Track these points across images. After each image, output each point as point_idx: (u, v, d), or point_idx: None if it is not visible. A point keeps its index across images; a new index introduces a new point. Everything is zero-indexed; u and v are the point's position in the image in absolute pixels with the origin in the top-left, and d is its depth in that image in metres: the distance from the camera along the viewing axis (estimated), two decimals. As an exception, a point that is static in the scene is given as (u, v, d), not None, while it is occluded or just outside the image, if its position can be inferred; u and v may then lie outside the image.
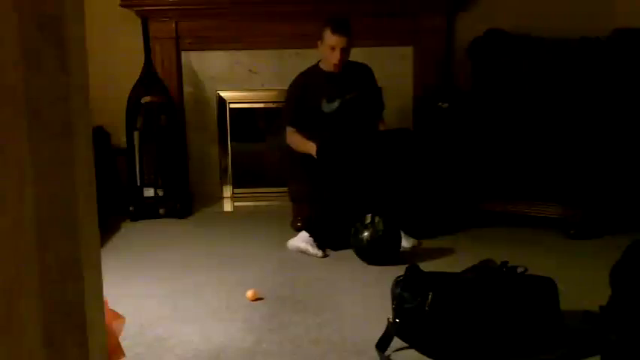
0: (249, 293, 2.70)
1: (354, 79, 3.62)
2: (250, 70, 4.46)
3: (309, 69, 3.65)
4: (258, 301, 2.66)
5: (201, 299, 2.69)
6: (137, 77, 4.08)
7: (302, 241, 3.33)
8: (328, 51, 3.49)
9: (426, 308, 2.11)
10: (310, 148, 3.44)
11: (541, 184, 3.52)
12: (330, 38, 3.46)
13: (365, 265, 3.11)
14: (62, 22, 1.11)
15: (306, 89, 3.57)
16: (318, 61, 3.62)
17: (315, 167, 3.42)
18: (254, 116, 4.77)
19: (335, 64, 3.49)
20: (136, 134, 4.05)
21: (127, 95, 4.05)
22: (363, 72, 3.68)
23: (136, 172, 4.07)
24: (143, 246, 3.51)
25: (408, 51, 4.46)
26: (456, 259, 3.11)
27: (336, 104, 3.55)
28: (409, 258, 3.09)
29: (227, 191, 4.59)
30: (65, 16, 1.12)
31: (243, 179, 4.63)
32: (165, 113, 4.09)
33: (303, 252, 3.29)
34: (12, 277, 1.04)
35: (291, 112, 3.60)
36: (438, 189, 3.69)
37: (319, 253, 3.27)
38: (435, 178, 3.67)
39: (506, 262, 2.30)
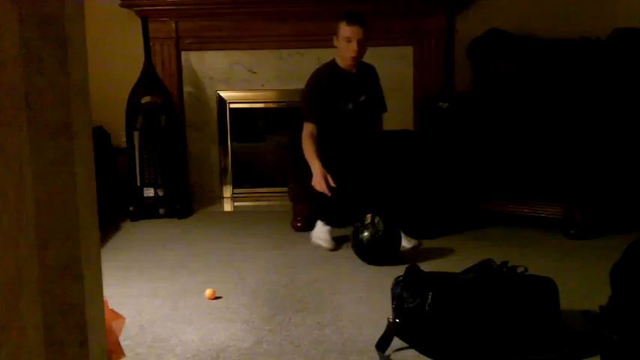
0: (208, 292, 2.70)
1: (367, 80, 3.59)
2: (250, 70, 4.46)
3: (326, 66, 3.57)
4: (258, 301, 2.66)
5: (201, 299, 2.69)
6: (137, 77, 4.08)
7: (317, 234, 3.42)
8: (344, 44, 3.42)
9: (426, 308, 2.11)
10: (314, 166, 3.31)
11: (541, 184, 3.52)
12: (346, 30, 3.40)
13: (365, 265, 3.11)
14: (62, 22, 1.12)
15: (326, 87, 3.49)
16: (333, 60, 3.55)
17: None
18: (254, 116, 4.77)
19: (352, 57, 3.43)
20: (136, 134, 4.06)
21: (127, 95, 4.05)
22: (371, 73, 3.65)
23: (136, 172, 4.07)
24: (143, 246, 3.51)
25: (408, 51, 4.46)
26: (456, 259, 3.11)
27: (350, 106, 3.52)
28: (409, 258, 3.09)
29: (227, 191, 4.59)
30: (65, 16, 1.12)
31: (243, 179, 4.63)
32: (165, 113, 4.10)
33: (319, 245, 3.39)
34: (12, 277, 1.04)
35: (314, 109, 3.45)
36: (439, 189, 3.69)
37: (330, 245, 3.35)
38: (436, 178, 3.67)
39: (506, 262, 2.30)
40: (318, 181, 3.28)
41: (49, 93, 1.12)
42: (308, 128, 3.42)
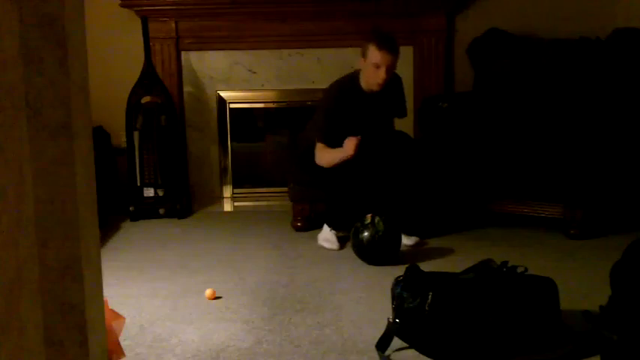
0: (208, 292, 2.70)
1: (389, 96, 3.45)
2: (250, 70, 4.46)
3: (347, 83, 3.43)
4: (258, 301, 2.66)
5: (201, 299, 2.69)
6: (137, 77, 4.08)
7: (324, 236, 3.43)
8: (372, 69, 3.26)
9: (426, 308, 2.11)
10: (342, 153, 3.25)
11: (541, 184, 3.52)
12: (376, 55, 3.22)
13: (365, 265, 3.11)
14: (62, 22, 1.12)
15: (343, 106, 3.37)
16: (357, 73, 3.42)
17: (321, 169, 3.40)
18: (254, 116, 4.77)
19: (379, 84, 3.28)
20: (136, 134, 4.06)
21: (127, 95, 4.05)
22: (396, 84, 3.49)
23: (136, 172, 4.07)
24: (143, 246, 3.51)
25: (408, 51, 4.46)
26: (456, 259, 3.11)
27: (365, 126, 3.40)
28: (409, 258, 3.09)
29: (227, 191, 4.59)
30: (65, 16, 1.12)
31: (243, 179, 4.63)
32: (165, 113, 4.10)
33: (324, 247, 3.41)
34: (12, 277, 1.04)
35: (326, 129, 3.37)
36: (439, 189, 3.68)
37: (336, 246, 3.36)
38: (436, 178, 3.67)
39: (506, 262, 2.30)
40: (348, 147, 3.21)
41: (49, 93, 1.12)
42: (320, 146, 3.38)
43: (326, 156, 3.37)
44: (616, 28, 3.96)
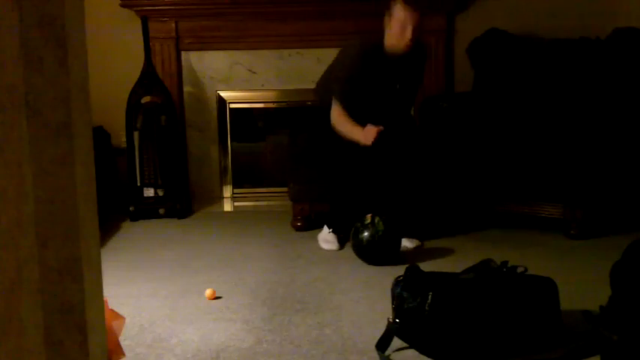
0: (208, 292, 2.70)
1: (410, 63, 3.37)
2: (250, 70, 4.46)
3: (371, 43, 3.31)
4: (258, 301, 2.66)
5: (201, 299, 2.69)
6: (137, 77, 4.08)
7: (323, 237, 3.43)
8: (398, 28, 3.18)
9: (426, 308, 2.11)
10: (359, 136, 3.17)
11: (541, 184, 3.52)
12: (402, 13, 3.17)
13: (365, 265, 3.11)
14: (62, 22, 1.11)
15: (364, 67, 3.26)
16: (379, 38, 3.31)
17: (329, 160, 3.37)
18: (254, 116, 4.77)
19: (407, 45, 3.20)
20: (136, 134, 4.06)
21: (127, 95, 4.05)
22: (420, 54, 3.43)
23: (136, 172, 4.07)
24: (143, 246, 3.51)
25: (408, 51, 4.46)
26: (456, 259, 3.11)
27: (381, 94, 3.35)
28: (409, 258, 3.09)
29: (227, 191, 4.60)
30: (65, 16, 1.12)
31: (243, 179, 4.64)
32: (165, 113, 4.10)
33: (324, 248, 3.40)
34: (12, 277, 1.04)
35: (345, 87, 3.27)
36: (439, 190, 3.68)
37: (335, 247, 3.36)
38: (436, 178, 3.67)
39: (507, 262, 2.30)
40: (368, 136, 3.13)
41: (49, 93, 1.12)
42: (339, 108, 3.28)
43: (345, 125, 3.26)
44: (616, 28, 3.96)
